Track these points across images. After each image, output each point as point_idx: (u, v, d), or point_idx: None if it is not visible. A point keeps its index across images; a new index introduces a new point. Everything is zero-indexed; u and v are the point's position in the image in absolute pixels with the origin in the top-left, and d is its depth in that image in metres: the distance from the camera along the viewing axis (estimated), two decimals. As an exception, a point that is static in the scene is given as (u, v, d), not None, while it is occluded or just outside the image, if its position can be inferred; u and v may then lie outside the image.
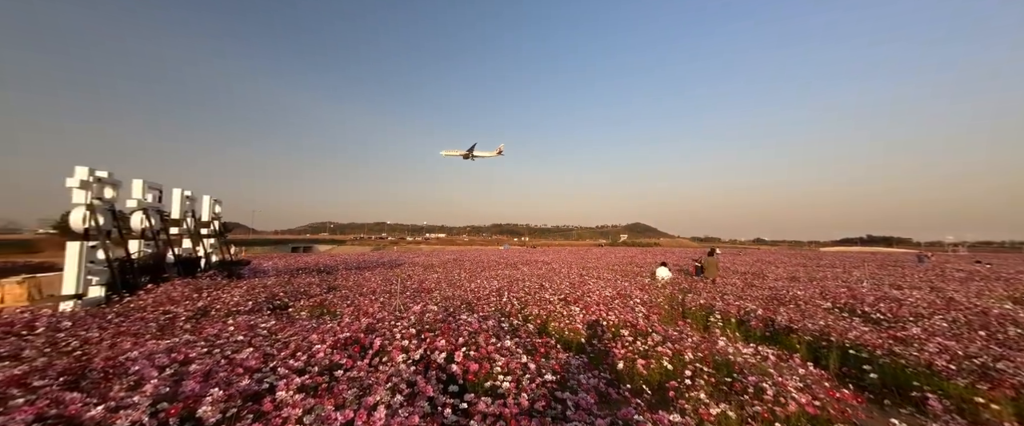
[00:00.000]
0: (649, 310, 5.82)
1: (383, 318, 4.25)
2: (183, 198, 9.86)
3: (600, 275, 11.77)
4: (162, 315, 5.05)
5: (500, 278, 10.60)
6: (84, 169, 6.43)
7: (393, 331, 3.75)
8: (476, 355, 3.13)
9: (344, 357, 3.18)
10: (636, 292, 7.43)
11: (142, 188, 8.08)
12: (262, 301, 6.51)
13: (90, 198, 6.49)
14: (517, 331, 4.47)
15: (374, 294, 7.50)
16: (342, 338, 3.55)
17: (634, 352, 3.73)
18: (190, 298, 6.24)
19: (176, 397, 2.30)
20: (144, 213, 8.07)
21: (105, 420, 1.96)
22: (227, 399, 2.32)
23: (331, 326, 4.06)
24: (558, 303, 6.16)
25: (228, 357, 3.08)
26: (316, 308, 6.45)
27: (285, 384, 2.57)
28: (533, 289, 7.60)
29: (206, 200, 11.26)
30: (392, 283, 9.66)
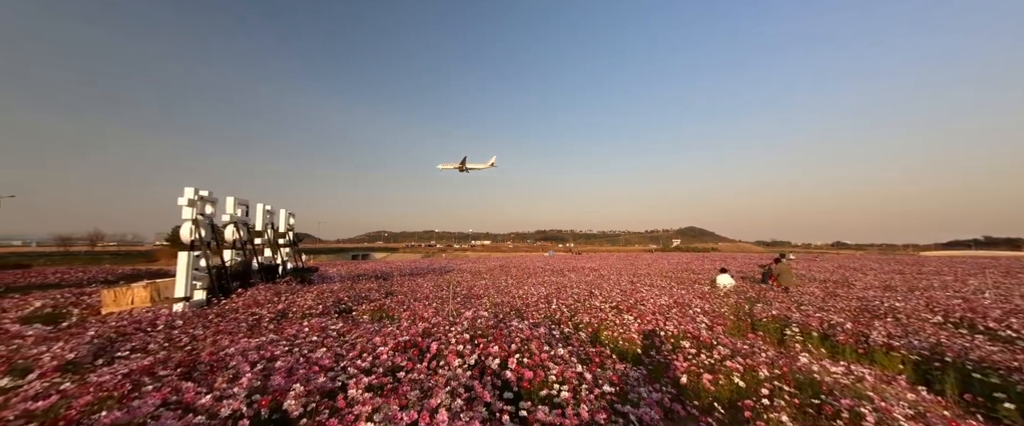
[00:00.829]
0: (712, 320, 5.38)
1: (438, 323, 4.41)
2: (264, 212, 11.16)
3: (653, 282, 11.15)
4: (250, 316, 5.71)
5: (547, 285, 10.50)
6: (191, 189, 7.58)
7: (448, 336, 3.87)
8: (530, 362, 3.12)
9: (404, 360, 3.34)
10: (695, 301, 6.92)
11: (233, 204, 9.29)
12: (330, 305, 7.10)
13: (195, 214, 7.61)
14: (569, 339, 4.38)
15: (427, 300, 7.83)
16: (402, 341, 3.74)
17: (698, 366, 3.46)
18: (271, 301, 7.00)
19: (266, 390, 2.58)
20: (235, 226, 9.26)
21: (212, 407, 2.26)
22: (307, 394, 2.55)
23: (391, 330, 4.30)
24: (610, 311, 5.95)
25: (305, 356, 3.39)
26: (376, 312, 6.88)
27: (355, 383, 2.77)
28: (582, 296, 7.42)
29: (282, 213, 12.63)
30: (443, 289, 10.01)
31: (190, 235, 7.50)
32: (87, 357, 3.83)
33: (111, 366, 3.31)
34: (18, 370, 3.48)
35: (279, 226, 12.41)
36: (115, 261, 36.70)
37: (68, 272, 17.13)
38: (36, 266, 26.36)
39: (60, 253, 49.08)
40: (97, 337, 4.29)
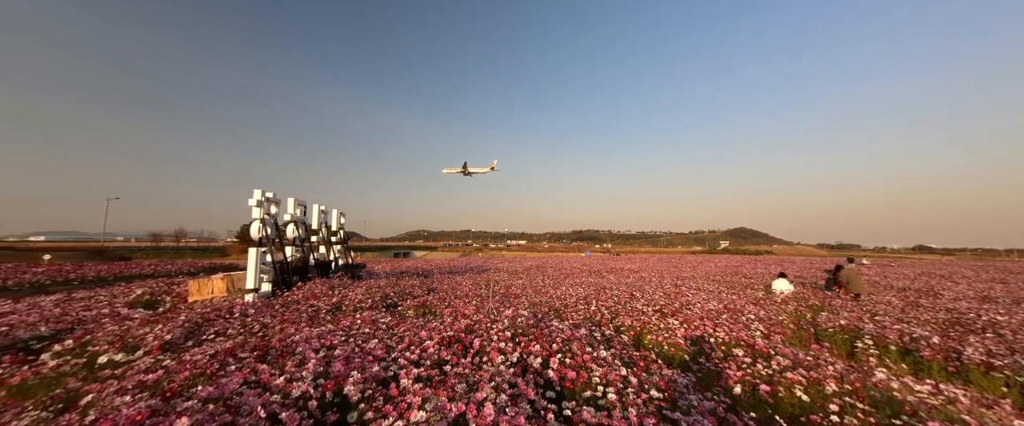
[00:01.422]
0: (768, 328, 5.00)
1: (479, 320, 4.53)
2: (319, 212, 12.08)
3: (699, 286, 10.57)
4: (309, 308, 6.23)
5: (586, 286, 10.34)
6: (259, 191, 8.41)
7: (490, 333, 3.96)
8: (572, 363, 3.11)
9: (449, 354, 3.48)
10: (749, 307, 6.47)
11: (293, 204, 10.16)
12: (378, 300, 7.54)
13: (262, 213, 8.44)
14: (610, 342, 4.30)
15: (467, 297, 8.04)
16: (446, 337, 3.89)
17: (754, 376, 3.24)
18: (327, 294, 7.57)
19: (328, 375, 2.81)
20: (294, 224, 10.13)
21: (285, 388, 2.51)
22: (364, 381, 2.75)
23: (436, 325, 4.48)
24: (653, 315, 5.74)
25: (360, 346, 3.64)
26: (420, 308, 7.20)
27: (405, 373, 2.93)
28: (623, 299, 7.22)
29: (334, 213, 13.59)
30: (481, 288, 10.22)
31: (258, 233, 8.32)
32: (180, 338, 4.41)
33: (200, 347, 3.77)
34: (129, 347, 4.09)
35: (331, 225, 13.36)
36: (195, 255, 41.57)
37: (160, 264, 19.69)
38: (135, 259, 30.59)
39: (152, 247, 56.55)
40: (187, 322, 4.91)
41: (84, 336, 4.25)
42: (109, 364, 3.67)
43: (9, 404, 2.48)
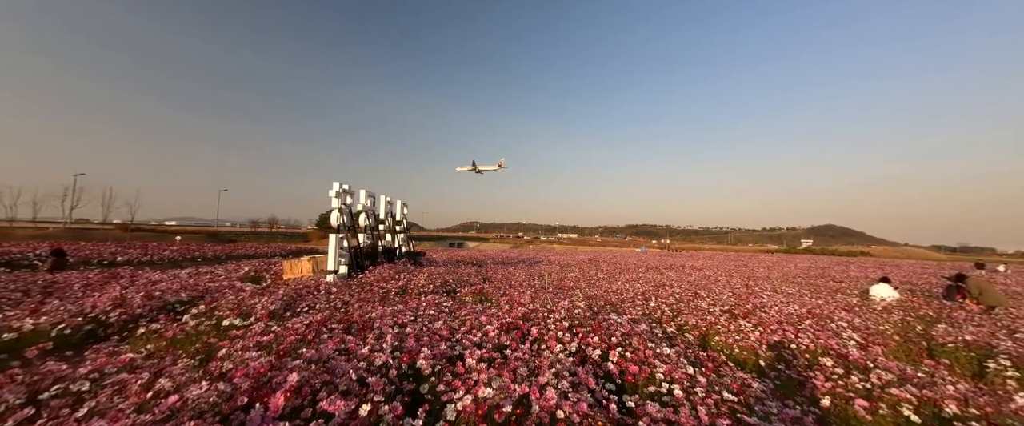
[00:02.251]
0: (865, 338, 4.38)
1: (536, 310, 4.62)
2: (385, 202, 13.13)
3: (776, 288, 9.54)
4: (380, 290, 6.85)
5: (643, 282, 9.93)
6: (337, 183, 9.38)
7: (547, 322, 4.03)
8: (633, 357, 3.05)
9: (508, 339, 3.62)
10: (839, 314, 5.71)
11: (364, 195, 11.17)
12: (438, 285, 8.03)
13: (340, 203, 9.41)
14: (673, 340, 4.12)
15: (521, 288, 8.20)
16: (504, 323, 4.04)
17: (848, 388, 2.89)
18: (394, 278, 8.25)
19: (402, 349, 3.10)
20: (365, 213, 11.14)
21: (368, 357, 2.83)
22: (433, 357, 2.99)
23: (494, 311, 4.67)
24: (720, 315, 5.34)
25: (427, 326, 3.94)
26: (477, 295, 7.52)
27: (469, 353, 3.12)
28: (686, 297, 6.81)
29: (398, 203, 14.66)
30: (534, 279, 10.34)
31: (337, 221, 9.31)
32: (281, 309, 5.15)
33: (297, 317, 4.39)
34: (244, 314, 4.88)
35: (396, 215, 14.43)
36: (284, 240, 47.77)
37: (258, 247, 23.00)
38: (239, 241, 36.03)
39: (251, 233, 66.06)
40: (285, 296, 5.71)
41: (212, 303, 5.17)
42: (230, 327, 4.44)
43: (169, 352, 3.15)
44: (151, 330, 4.16)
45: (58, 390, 2.38)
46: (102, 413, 1.98)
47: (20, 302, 5.15)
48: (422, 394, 2.58)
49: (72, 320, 4.28)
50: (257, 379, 2.29)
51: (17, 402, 2.23)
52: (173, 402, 1.92)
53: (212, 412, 1.96)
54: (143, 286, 6.06)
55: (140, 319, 4.70)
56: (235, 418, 1.89)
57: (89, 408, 2.06)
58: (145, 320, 4.64)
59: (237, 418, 1.89)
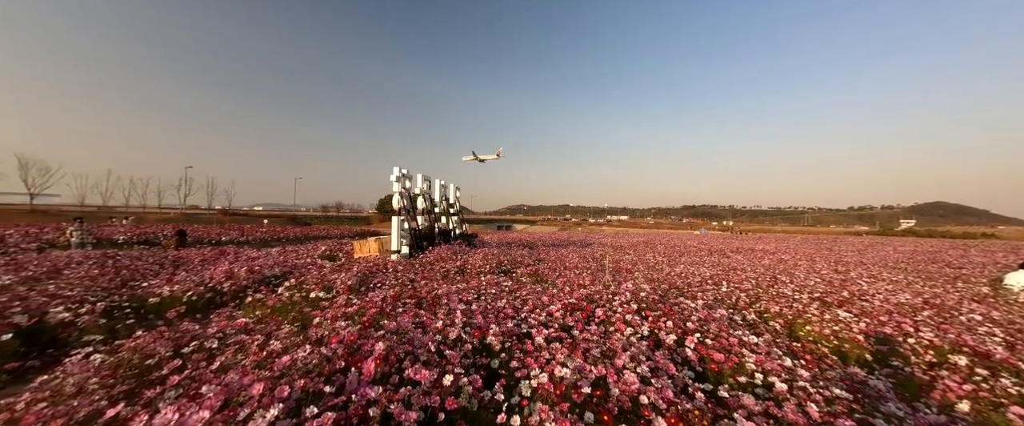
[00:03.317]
0: (1013, 335, 3.61)
1: (598, 292, 4.49)
2: (440, 186, 13.62)
3: (875, 274, 8.30)
4: (441, 269, 7.18)
5: (709, 265, 9.23)
6: (397, 169, 9.89)
7: (612, 305, 3.90)
8: (716, 344, 2.82)
9: (573, 320, 3.56)
10: (970, 305, 4.78)
11: (421, 179, 11.68)
12: (494, 266, 8.21)
13: (400, 187, 9.93)
14: (755, 328, 3.76)
15: (577, 269, 8.08)
16: (567, 303, 3.99)
17: (998, 394, 2.39)
18: (451, 258, 8.60)
19: (472, 325, 3.19)
20: (422, 197, 11.67)
21: (442, 330, 2.95)
22: (502, 335, 3.03)
23: (555, 292, 4.64)
24: (809, 303, 4.76)
25: (491, 304, 4.03)
26: (533, 276, 7.56)
27: (537, 332, 3.12)
28: (763, 282, 6.19)
29: (451, 187, 15.15)
30: (588, 261, 10.13)
31: (398, 204, 9.87)
32: (356, 284, 5.62)
33: (373, 292, 4.74)
34: (326, 287, 5.39)
35: (449, 198, 14.94)
36: (350, 223, 52.31)
37: (330, 229, 25.43)
38: (313, 224, 40.15)
39: (322, 216, 73.27)
40: (359, 272, 6.21)
41: (300, 277, 5.79)
42: (317, 298, 4.94)
43: (273, 319, 3.58)
44: (256, 299, 4.78)
45: (195, 346, 2.82)
46: (230, 368, 2.30)
47: (158, 273, 6.22)
48: (494, 369, 2.64)
49: (196, 289, 5.07)
50: (349, 346, 2.49)
51: (167, 354, 2.68)
52: (285, 362, 2.16)
53: (316, 372, 2.18)
54: (245, 262, 6.98)
55: (247, 290, 5.43)
56: (336, 380, 2.07)
57: (220, 362, 2.40)
58: (251, 290, 5.35)
59: (338, 380, 2.07)
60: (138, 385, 2.22)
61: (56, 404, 1.83)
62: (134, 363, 2.55)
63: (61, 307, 3.79)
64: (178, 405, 1.63)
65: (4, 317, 3.36)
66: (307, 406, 1.77)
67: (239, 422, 1.59)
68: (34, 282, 5.12)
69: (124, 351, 2.66)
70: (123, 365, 2.48)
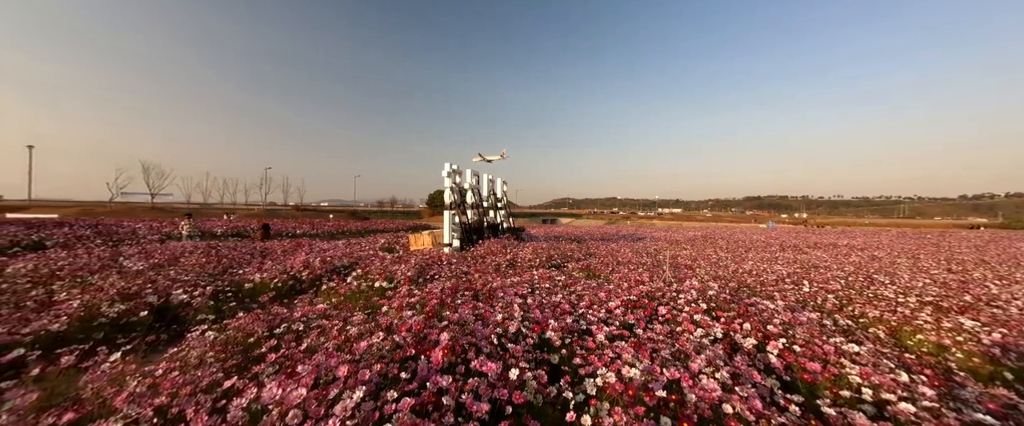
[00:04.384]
0: None
1: (659, 288, 4.25)
2: (487, 180, 13.84)
3: (1006, 275, 6.87)
4: (492, 262, 7.30)
5: (782, 262, 8.32)
6: (448, 164, 10.21)
7: (676, 302, 3.66)
8: (805, 351, 2.51)
9: (634, 318, 3.40)
10: None
11: (470, 174, 11.95)
12: (544, 260, 8.17)
13: (451, 183, 10.25)
14: (852, 334, 3.29)
15: (631, 264, 7.74)
16: (626, 300, 3.82)
17: None
18: (501, 252, 8.71)
19: (531, 319, 3.19)
20: (471, 191, 11.95)
21: (502, 323, 2.98)
22: (561, 330, 2.99)
23: (612, 288, 4.47)
24: (920, 307, 4.07)
25: (546, 299, 3.99)
26: (584, 270, 7.39)
27: (597, 329, 3.03)
28: (855, 282, 5.42)
29: (499, 181, 15.32)
30: (642, 256, 9.66)
31: (449, 198, 10.20)
32: (415, 276, 5.91)
33: (431, 283, 4.95)
34: (388, 278, 5.74)
35: (497, 192, 15.13)
36: (403, 218, 55.60)
37: (386, 223, 27.16)
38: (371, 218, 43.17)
39: (378, 211, 78.62)
40: (416, 264, 6.53)
41: (365, 268, 6.24)
42: (381, 288, 5.28)
43: (346, 306, 3.89)
44: (330, 287, 5.23)
45: (284, 328, 3.15)
46: (316, 349, 2.53)
47: (250, 262, 7.08)
48: (555, 365, 2.60)
49: (280, 276, 5.68)
50: (416, 335, 2.61)
51: (264, 333, 3.02)
52: (363, 347, 2.32)
53: (389, 358, 2.31)
54: (318, 253, 7.69)
55: (321, 278, 5.98)
56: (408, 366, 2.18)
57: (306, 344, 2.65)
58: (325, 279, 5.88)
59: (409, 367, 2.18)
60: (243, 360, 2.53)
61: (185, 372, 2.13)
62: (238, 340, 2.91)
63: (180, 290, 4.46)
64: (279, 381, 1.81)
65: (141, 297, 4.04)
66: (385, 390, 1.87)
67: (330, 400, 1.72)
68: (159, 268, 6.10)
69: (230, 329, 3.05)
70: (230, 342, 2.84)
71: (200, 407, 1.66)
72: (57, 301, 3.81)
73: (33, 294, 4.16)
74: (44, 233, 10.63)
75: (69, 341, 2.92)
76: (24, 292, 4.24)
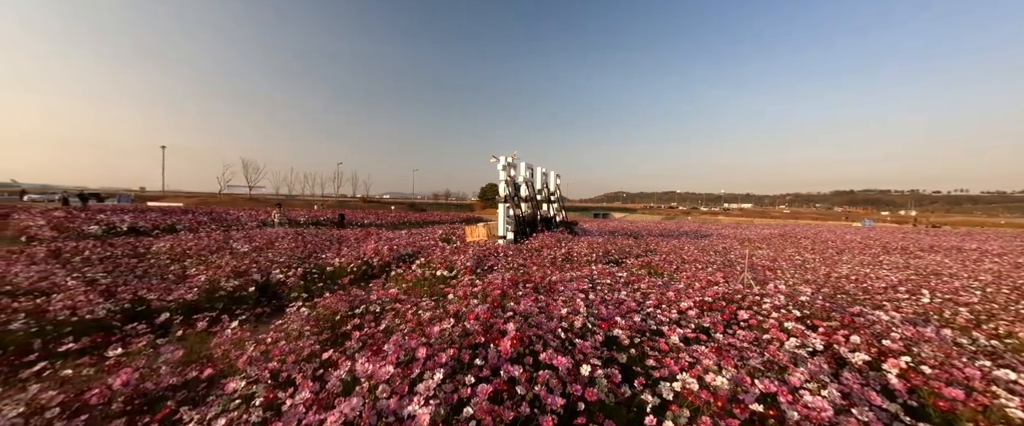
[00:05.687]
0: None
1: (738, 291, 3.86)
2: (541, 174, 13.75)
3: None
4: (548, 255, 7.25)
5: (890, 267, 7.09)
6: (503, 156, 10.32)
7: (761, 307, 3.30)
8: (939, 374, 2.10)
9: (710, 322, 3.13)
10: None
11: (524, 167, 11.96)
12: (601, 255, 7.92)
13: (506, 176, 10.36)
14: (998, 356, 2.68)
15: (698, 263, 7.18)
16: (700, 301, 3.53)
17: None
18: (556, 245, 8.62)
19: (597, 316, 3.09)
20: (525, 184, 11.97)
21: (566, 318, 2.93)
22: (629, 329, 2.85)
23: (680, 287, 4.17)
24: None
25: (609, 295, 3.85)
26: (644, 267, 7.02)
27: (669, 330, 2.84)
28: (998, 295, 4.41)
29: (552, 174, 15.15)
30: (709, 254, 8.92)
31: (504, 191, 10.32)
32: (474, 266, 6.10)
33: (490, 274, 5.06)
34: (449, 267, 5.99)
35: (550, 186, 14.98)
36: (457, 210, 57.85)
37: (442, 215, 28.45)
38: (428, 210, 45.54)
39: (434, 203, 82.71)
40: (474, 255, 6.72)
41: (428, 257, 6.59)
42: (442, 276, 5.54)
43: (415, 291, 4.14)
44: (398, 273, 5.61)
45: (363, 309, 3.43)
46: (393, 331, 2.71)
47: (329, 248, 7.87)
48: (624, 364, 2.49)
49: (355, 261, 6.23)
50: (484, 323, 2.67)
51: (347, 312, 3.32)
52: (436, 331, 2.43)
53: (460, 344, 2.39)
54: (385, 241, 8.30)
55: (390, 265, 6.44)
56: (479, 353, 2.24)
57: (385, 324, 2.86)
58: (393, 265, 6.32)
59: (480, 353, 2.24)
60: (333, 335, 2.81)
61: (289, 342, 2.42)
62: (326, 317, 3.24)
63: (277, 270, 5.10)
64: (367, 356, 1.97)
65: (248, 275, 4.69)
66: (461, 374, 1.94)
67: (411, 379, 1.83)
68: (260, 250, 7.05)
69: (319, 307, 3.40)
70: (320, 318, 3.17)
71: (305, 375, 1.87)
72: (189, 275, 4.59)
73: (172, 269, 5.06)
74: (174, 218, 12.90)
75: (199, 309, 3.49)
76: (165, 267, 5.19)
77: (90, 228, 9.38)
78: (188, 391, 1.86)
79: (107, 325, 2.98)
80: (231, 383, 1.81)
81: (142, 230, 10.29)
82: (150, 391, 1.77)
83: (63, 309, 3.05)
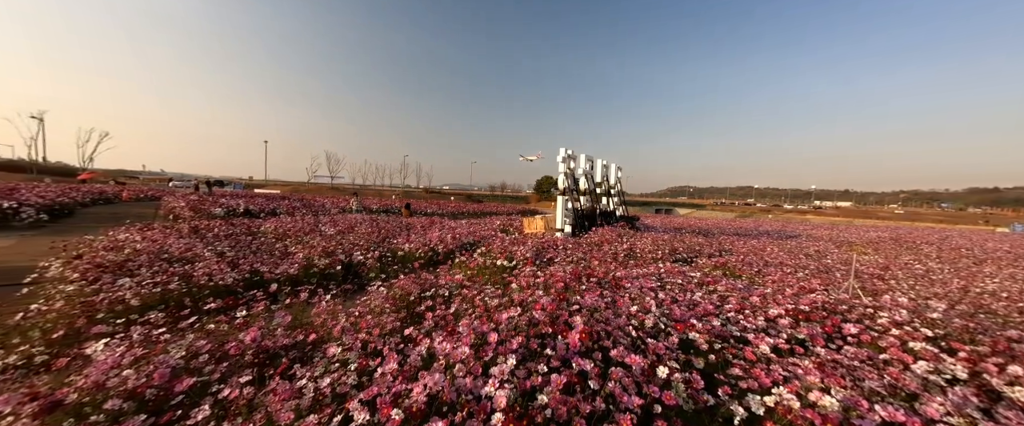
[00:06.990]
0: None
1: (843, 300, 3.34)
2: (602, 166, 13.27)
3: None
4: (610, 250, 7.00)
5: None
6: (563, 150, 10.15)
7: (875, 322, 2.81)
8: None
9: (806, 332, 2.76)
10: None
11: (584, 160, 11.65)
12: (667, 252, 7.43)
13: (565, 168, 10.18)
14: None
15: (784, 266, 6.37)
16: (793, 310, 3.12)
17: None
18: (617, 241, 8.28)
19: (669, 316, 2.90)
20: (585, 177, 11.66)
21: (636, 315, 2.80)
22: (707, 332, 2.63)
23: (767, 292, 3.74)
24: None
25: (681, 295, 3.59)
26: (718, 267, 6.43)
27: (757, 339, 2.56)
28: None
29: (613, 167, 14.54)
30: (799, 257, 7.85)
31: (563, 184, 10.17)
32: (533, 258, 6.13)
33: (551, 266, 5.04)
34: (509, 257, 6.08)
35: (610, 179, 14.40)
36: (512, 202, 58.68)
37: (498, 207, 29.03)
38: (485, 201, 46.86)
39: (490, 195, 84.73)
40: (533, 246, 6.75)
41: (488, 247, 6.78)
42: (503, 266, 5.65)
43: (478, 279, 4.29)
44: (461, 261, 5.87)
45: (432, 292, 3.64)
46: (461, 314, 2.84)
47: (399, 234, 8.51)
48: (700, 369, 2.31)
49: (423, 247, 6.64)
50: (550, 314, 2.67)
51: (420, 294, 3.56)
52: (504, 318, 2.49)
53: (527, 332, 2.42)
54: (448, 230, 8.72)
55: (453, 252, 6.76)
56: (547, 343, 2.24)
57: (454, 308, 3.01)
58: (456, 253, 6.62)
59: (549, 343, 2.24)
60: (408, 315, 3.03)
61: (373, 317, 2.67)
62: (401, 297, 3.51)
63: (358, 253, 5.65)
64: (444, 336, 2.08)
65: (335, 255, 5.27)
66: (531, 363, 1.96)
67: (487, 362, 1.90)
68: (343, 234, 7.88)
69: (395, 288, 3.69)
70: (396, 298, 3.44)
71: (390, 348, 2.04)
72: (290, 252, 5.29)
73: (277, 246, 5.89)
74: (275, 204, 15.00)
75: (299, 282, 4.02)
76: (272, 245, 6.05)
77: (215, 210, 11.33)
78: (297, 351, 2.15)
79: (234, 290, 3.58)
80: (331, 348, 2.05)
81: (253, 212, 12.15)
82: (270, 348, 2.10)
83: (202, 275, 3.74)
